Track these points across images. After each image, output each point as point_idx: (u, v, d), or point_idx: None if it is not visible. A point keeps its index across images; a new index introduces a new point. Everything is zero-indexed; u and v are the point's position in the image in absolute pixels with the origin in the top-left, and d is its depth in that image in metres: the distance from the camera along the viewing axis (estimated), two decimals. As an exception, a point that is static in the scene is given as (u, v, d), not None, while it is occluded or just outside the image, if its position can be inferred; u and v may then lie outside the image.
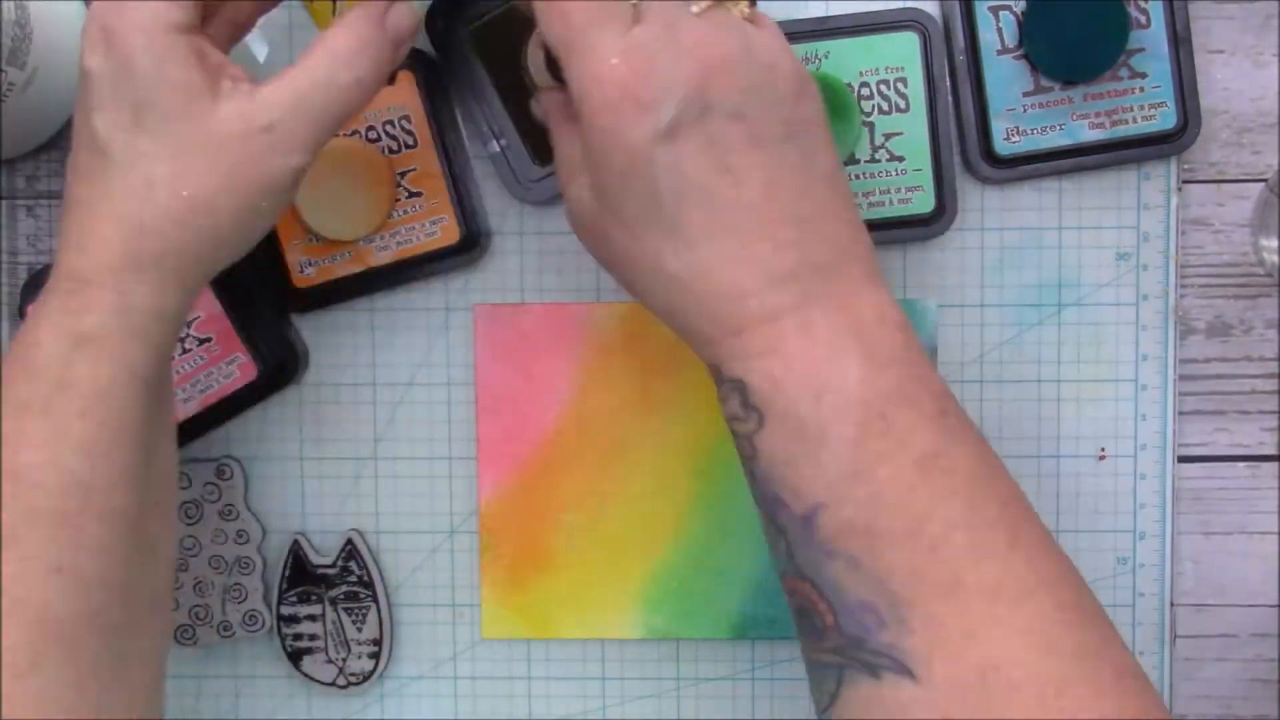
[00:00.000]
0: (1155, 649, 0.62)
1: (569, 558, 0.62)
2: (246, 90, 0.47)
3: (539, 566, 0.62)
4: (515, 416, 0.62)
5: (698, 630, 0.62)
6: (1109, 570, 0.62)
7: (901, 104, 0.59)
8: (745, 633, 0.62)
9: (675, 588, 0.62)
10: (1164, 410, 0.62)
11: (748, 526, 0.61)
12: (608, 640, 0.63)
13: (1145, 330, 0.61)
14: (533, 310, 0.62)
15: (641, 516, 0.62)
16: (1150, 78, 0.59)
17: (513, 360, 0.61)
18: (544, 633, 0.62)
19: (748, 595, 0.62)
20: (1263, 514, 0.62)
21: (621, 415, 0.62)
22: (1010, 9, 0.58)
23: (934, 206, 0.59)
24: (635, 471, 0.62)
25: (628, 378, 0.61)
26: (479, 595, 0.63)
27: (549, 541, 0.62)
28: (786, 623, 0.61)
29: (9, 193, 0.63)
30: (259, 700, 0.64)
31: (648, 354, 0.61)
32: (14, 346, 0.47)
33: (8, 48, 0.54)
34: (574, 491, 0.62)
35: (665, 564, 0.62)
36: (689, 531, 0.62)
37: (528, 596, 0.62)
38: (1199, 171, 0.61)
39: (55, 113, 0.61)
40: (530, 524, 0.62)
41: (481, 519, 0.62)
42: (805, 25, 0.59)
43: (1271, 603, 0.63)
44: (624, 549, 0.62)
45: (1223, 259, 0.62)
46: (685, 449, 0.62)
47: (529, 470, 0.62)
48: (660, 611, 0.62)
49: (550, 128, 0.52)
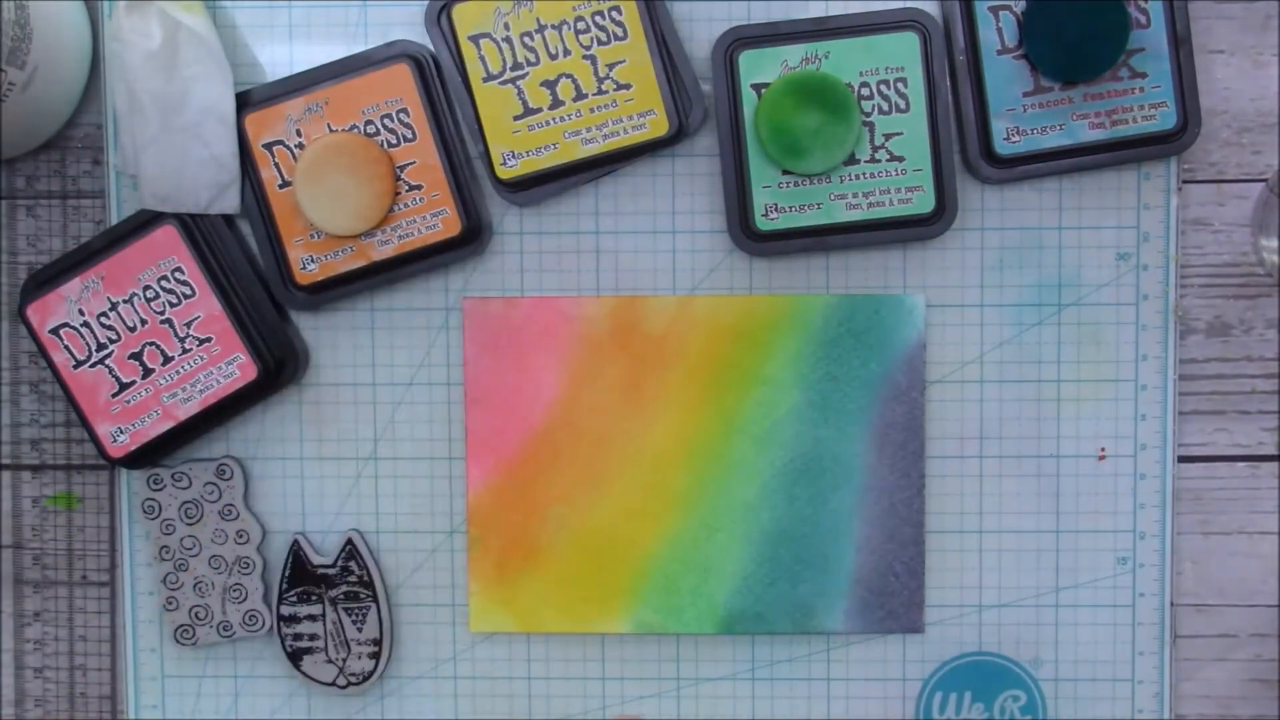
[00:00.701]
0: (1155, 649, 0.62)
1: (557, 552, 0.62)
2: None
3: (527, 560, 0.62)
4: (504, 410, 0.62)
5: (684, 625, 0.62)
6: (1109, 570, 0.62)
7: (902, 104, 0.59)
8: (732, 627, 0.62)
9: (662, 582, 0.62)
10: (1164, 410, 0.62)
11: (735, 522, 0.62)
12: (607, 640, 0.63)
13: (1145, 330, 0.61)
14: (521, 304, 0.62)
15: (629, 511, 0.62)
16: (1150, 78, 0.59)
17: (501, 354, 0.62)
18: (532, 626, 0.62)
19: (735, 590, 0.62)
20: (1263, 514, 0.62)
21: (610, 409, 0.62)
22: (1010, 9, 0.58)
23: (934, 206, 0.59)
24: (623, 466, 0.62)
25: (616, 372, 0.62)
26: (464, 576, 0.63)
27: (537, 535, 0.62)
28: (773, 618, 0.62)
29: (9, 193, 0.63)
30: (259, 700, 0.64)
31: (636, 349, 0.61)
32: None
33: (8, 48, 0.54)
34: (562, 485, 0.62)
35: (652, 559, 0.62)
36: (676, 526, 0.62)
37: (516, 590, 0.62)
38: (1199, 171, 0.61)
39: (55, 113, 0.61)
40: (518, 518, 0.62)
41: (470, 513, 0.62)
42: (806, 25, 0.59)
43: (1271, 603, 0.63)
44: (612, 543, 0.62)
45: (1223, 259, 0.62)
46: (673, 443, 0.62)
47: (517, 464, 0.62)
48: (647, 606, 0.62)
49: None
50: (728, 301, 0.61)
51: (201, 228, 0.59)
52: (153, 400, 0.59)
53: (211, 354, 0.59)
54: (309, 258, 0.60)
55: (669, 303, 0.61)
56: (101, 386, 0.59)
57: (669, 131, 0.59)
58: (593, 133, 0.59)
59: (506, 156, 0.59)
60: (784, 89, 0.58)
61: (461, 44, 0.59)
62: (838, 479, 0.62)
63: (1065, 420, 0.62)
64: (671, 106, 0.59)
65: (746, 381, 0.61)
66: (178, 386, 0.59)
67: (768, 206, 0.59)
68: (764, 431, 0.62)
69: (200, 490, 0.62)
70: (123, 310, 0.59)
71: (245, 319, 0.59)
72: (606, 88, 0.59)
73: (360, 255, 0.60)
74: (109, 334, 0.59)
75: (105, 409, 0.59)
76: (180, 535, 0.62)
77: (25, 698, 0.64)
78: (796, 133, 0.58)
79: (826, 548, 0.62)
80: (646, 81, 0.59)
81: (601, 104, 0.59)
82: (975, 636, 0.63)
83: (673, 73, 0.59)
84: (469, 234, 0.60)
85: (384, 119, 0.59)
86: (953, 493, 0.62)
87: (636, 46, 0.58)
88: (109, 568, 0.64)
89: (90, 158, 0.62)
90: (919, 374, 0.61)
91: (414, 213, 0.60)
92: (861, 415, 0.61)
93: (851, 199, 0.59)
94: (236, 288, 0.59)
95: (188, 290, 0.59)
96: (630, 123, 0.59)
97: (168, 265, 0.59)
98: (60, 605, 0.64)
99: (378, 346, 0.63)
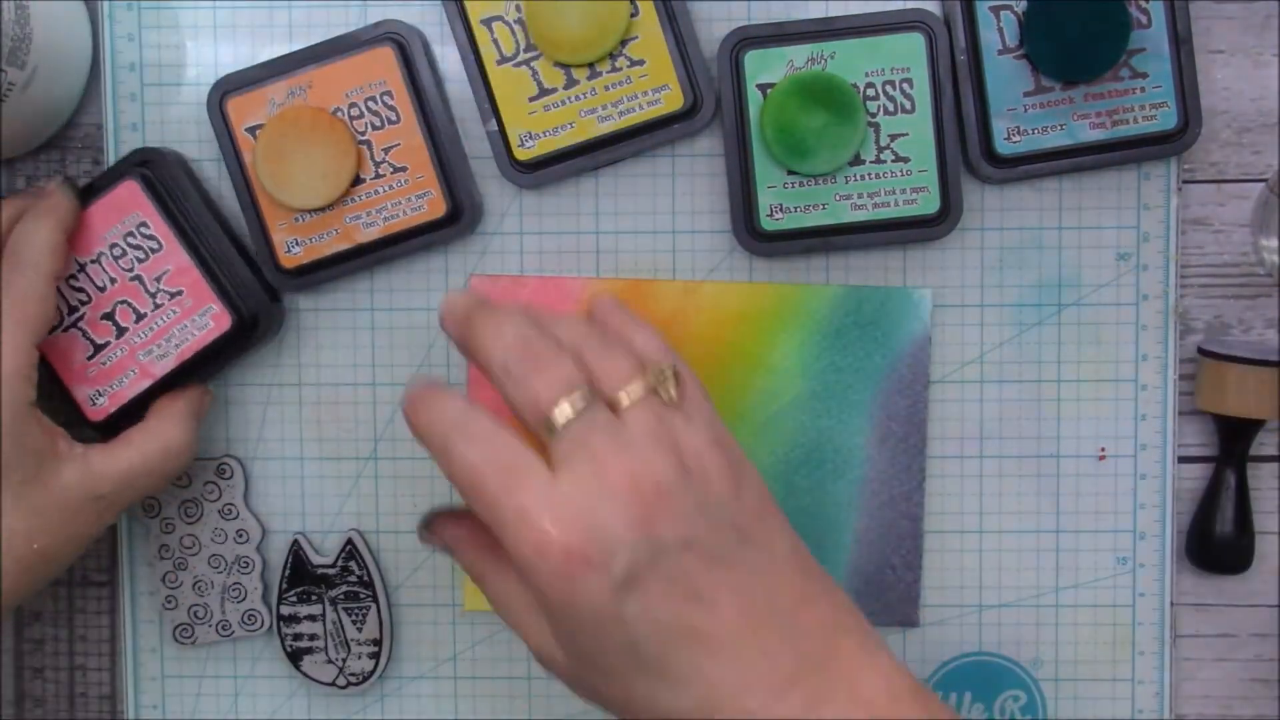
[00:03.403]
0: (1155, 649, 0.62)
1: None
2: (81, 455, 0.55)
3: None
4: None
5: None
6: (1109, 570, 0.62)
7: (907, 105, 0.59)
8: None
9: None
10: (1164, 410, 0.62)
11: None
12: (608, 640, 0.63)
13: (1145, 330, 0.61)
14: (529, 283, 0.61)
15: None
16: (1151, 78, 0.59)
17: None
18: None
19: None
20: (1263, 514, 0.62)
21: None
22: (1011, 9, 0.58)
23: (939, 207, 0.59)
24: None
25: None
26: (476, 590, 0.63)
27: None
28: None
29: (9, 193, 0.63)
30: (259, 700, 0.64)
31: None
32: None
33: (8, 48, 0.54)
34: None
35: None
36: None
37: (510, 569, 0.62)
38: (1199, 171, 0.61)
39: (55, 113, 0.61)
40: None
41: None
42: (812, 25, 0.59)
43: (1271, 603, 0.63)
44: None
45: (1223, 259, 0.62)
46: None
47: None
48: None
49: (463, 564, 0.50)
50: (734, 288, 0.61)
51: (164, 181, 0.59)
52: (129, 360, 0.59)
53: (184, 307, 0.59)
54: (293, 241, 0.60)
55: (675, 287, 0.61)
56: (76, 350, 0.59)
57: (684, 105, 0.59)
58: (609, 110, 0.59)
59: (524, 138, 0.59)
60: (789, 89, 0.58)
61: (474, 28, 0.59)
62: (838, 470, 0.62)
63: (1065, 420, 0.62)
64: (686, 81, 0.59)
65: (750, 369, 0.61)
66: (153, 343, 0.59)
67: (772, 206, 0.59)
68: (766, 419, 0.61)
69: (200, 489, 0.62)
70: (91, 271, 0.58)
71: (215, 270, 0.59)
72: (620, 64, 0.59)
73: (345, 238, 0.60)
74: (79, 296, 0.58)
75: (82, 373, 0.59)
76: (180, 534, 0.62)
77: (25, 698, 0.64)
78: (802, 133, 0.58)
79: (824, 538, 0.62)
80: (660, 57, 0.59)
81: (616, 81, 0.59)
82: (975, 636, 0.63)
83: (684, 48, 0.59)
84: (454, 214, 0.60)
85: (368, 101, 0.59)
86: (953, 492, 0.62)
87: (649, 24, 0.58)
88: (109, 567, 0.64)
89: (90, 158, 0.62)
90: (923, 368, 0.61)
91: (399, 194, 0.59)
92: (864, 407, 0.61)
93: (857, 199, 0.59)
94: (205, 239, 0.59)
95: (154, 245, 0.58)
96: (645, 98, 0.59)
97: (133, 221, 0.58)
98: (60, 605, 0.64)
99: (378, 346, 0.62)
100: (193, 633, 0.63)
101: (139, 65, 0.62)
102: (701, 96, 0.59)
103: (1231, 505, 0.61)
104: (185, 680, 0.64)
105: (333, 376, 0.63)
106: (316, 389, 0.63)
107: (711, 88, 0.59)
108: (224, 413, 0.63)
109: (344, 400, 0.63)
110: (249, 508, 0.63)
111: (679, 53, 0.59)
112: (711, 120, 0.60)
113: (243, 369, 0.62)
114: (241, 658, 0.64)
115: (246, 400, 0.63)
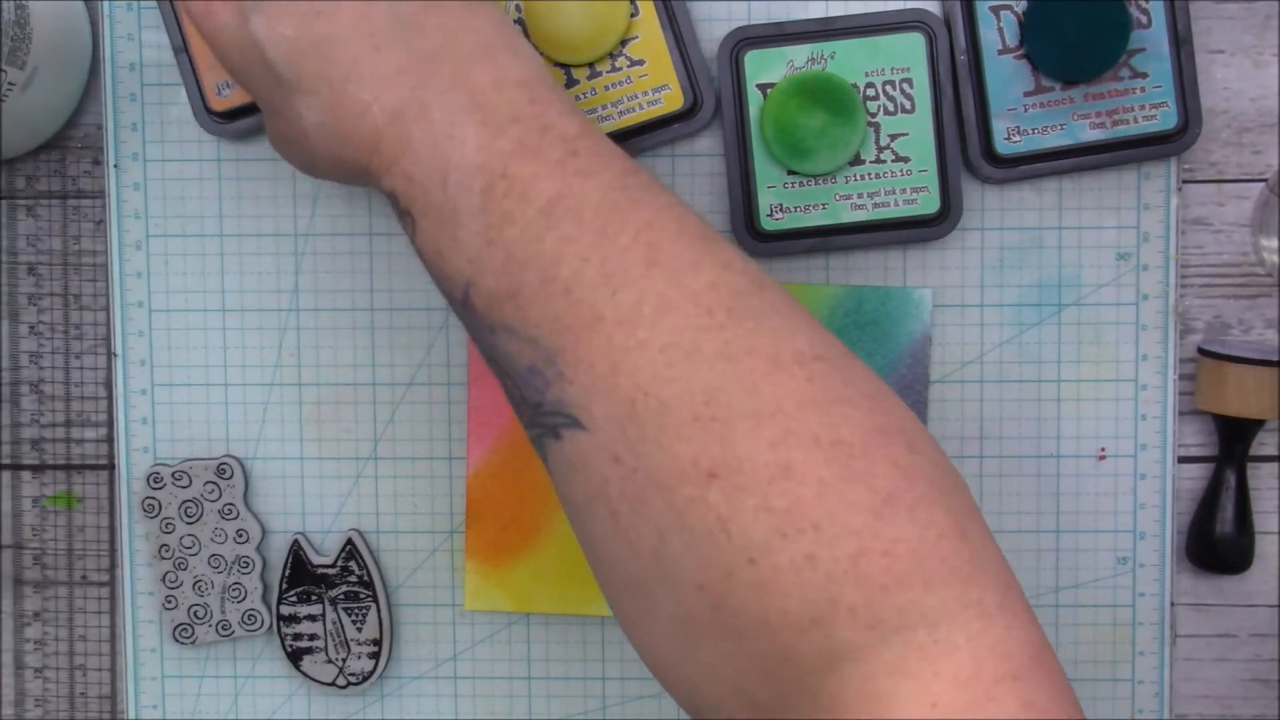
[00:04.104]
0: (1155, 649, 0.62)
1: (554, 531, 0.62)
2: None
3: (524, 539, 0.62)
4: None
5: None
6: (1109, 570, 0.62)
7: (907, 105, 0.59)
8: None
9: None
10: (1164, 410, 0.62)
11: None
12: (608, 639, 0.63)
13: (1145, 330, 0.61)
14: None
15: None
16: (1151, 78, 0.59)
17: None
18: (526, 607, 0.62)
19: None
20: (1263, 514, 0.62)
21: None
22: (1011, 9, 0.58)
23: (939, 207, 0.59)
24: None
25: None
26: (463, 566, 0.63)
27: (534, 514, 0.62)
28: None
29: (9, 193, 0.63)
30: (259, 700, 0.64)
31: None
32: None
33: (8, 48, 0.54)
34: None
35: None
36: None
37: (511, 570, 0.62)
38: (1199, 171, 0.61)
39: (55, 113, 0.61)
40: (516, 496, 0.62)
41: (468, 491, 0.62)
42: (811, 25, 0.59)
43: (1271, 603, 0.63)
44: None
45: (1223, 259, 0.62)
46: None
47: (518, 441, 0.62)
48: None
49: None
50: (734, 290, 0.61)
51: None
52: None
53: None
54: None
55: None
56: None
57: (684, 105, 0.59)
58: (608, 109, 0.59)
59: None
60: (789, 89, 0.58)
61: None
62: (839, 473, 0.61)
63: (1065, 420, 0.62)
64: (686, 81, 0.59)
65: (750, 374, 0.61)
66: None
67: (773, 206, 0.59)
68: (766, 425, 0.61)
69: (200, 489, 0.62)
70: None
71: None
72: (620, 64, 0.59)
73: None
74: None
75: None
76: (180, 534, 0.62)
77: (25, 698, 0.64)
78: (802, 133, 0.58)
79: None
80: (660, 57, 0.59)
81: (616, 80, 0.59)
82: (975, 636, 0.63)
83: (684, 48, 0.59)
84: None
85: None
86: (953, 492, 0.62)
87: (649, 23, 0.58)
88: (109, 567, 0.64)
89: (90, 158, 0.62)
90: (924, 367, 0.61)
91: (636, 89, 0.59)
92: (864, 410, 0.61)
93: (857, 199, 0.59)
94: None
95: None
96: (645, 98, 0.59)
97: None
98: (60, 605, 0.64)
99: (378, 346, 0.62)
100: (193, 633, 0.63)
101: (139, 65, 0.62)
102: (701, 96, 0.59)
103: (1231, 505, 0.61)
104: (185, 680, 0.64)
105: (333, 376, 0.63)
106: (316, 389, 0.63)
107: (711, 88, 0.60)
108: (224, 413, 0.63)
109: (344, 400, 0.63)
110: (249, 508, 0.63)
111: (679, 53, 0.59)
112: (711, 120, 0.60)
113: (243, 369, 0.62)
114: (241, 658, 0.64)
115: (246, 400, 0.63)
